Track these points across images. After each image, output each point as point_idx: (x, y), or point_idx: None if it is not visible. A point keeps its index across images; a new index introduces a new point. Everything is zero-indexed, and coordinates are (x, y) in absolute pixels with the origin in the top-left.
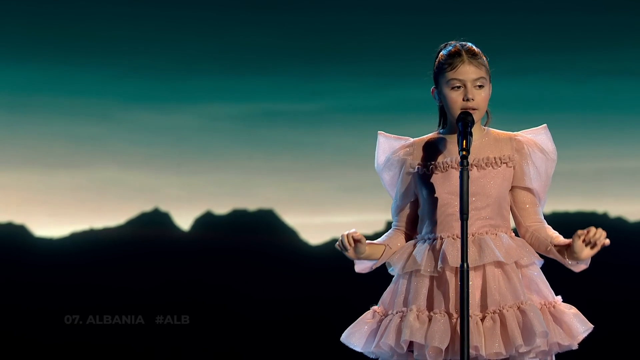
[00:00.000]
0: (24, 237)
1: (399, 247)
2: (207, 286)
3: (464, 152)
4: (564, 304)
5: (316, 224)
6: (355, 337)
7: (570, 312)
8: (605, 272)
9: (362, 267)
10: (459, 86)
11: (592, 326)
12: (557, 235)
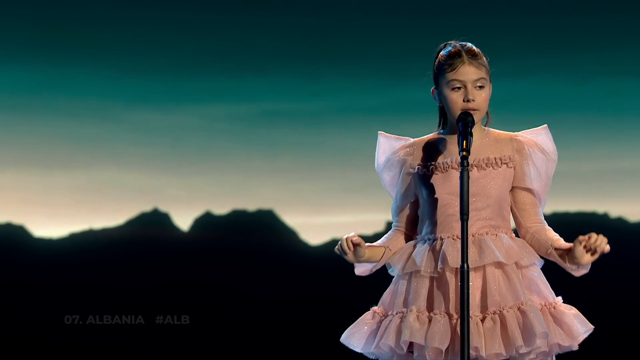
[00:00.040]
0: (23, 238)
1: (399, 249)
2: (207, 286)
3: (464, 153)
4: (565, 304)
5: (316, 224)
6: (355, 337)
7: (570, 313)
8: (605, 272)
9: (362, 269)
10: (459, 87)
11: (593, 327)
12: (558, 238)
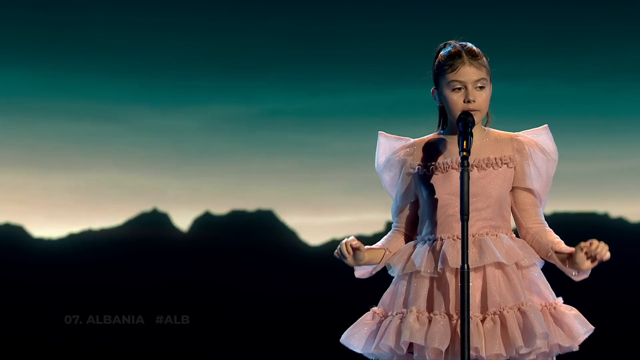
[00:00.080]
0: (23, 238)
1: (398, 249)
2: (207, 286)
3: (465, 153)
4: (565, 305)
5: (316, 225)
6: (355, 338)
7: (571, 314)
8: (606, 273)
9: (362, 272)
10: (459, 88)
11: (593, 327)
12: (559, 240)
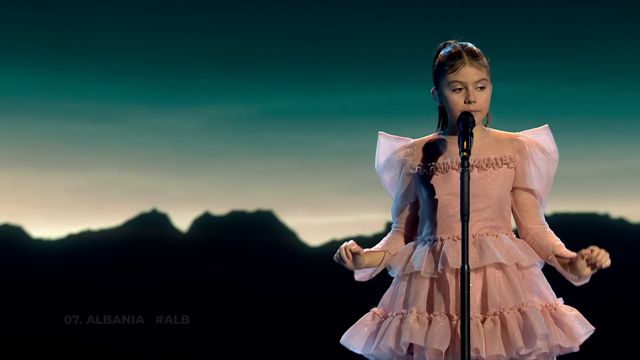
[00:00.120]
0: (22, 239)
1: (398, 250)
2: (207, 286)
3: (465, 153)
4: (565, 305)
5: (316, 225)
6: (354, 339)
7: (571, 314)
8: (606, 273)
9: (362, 275)
10: (460, 88)
11: (594, 328)
12: (560, 244)
